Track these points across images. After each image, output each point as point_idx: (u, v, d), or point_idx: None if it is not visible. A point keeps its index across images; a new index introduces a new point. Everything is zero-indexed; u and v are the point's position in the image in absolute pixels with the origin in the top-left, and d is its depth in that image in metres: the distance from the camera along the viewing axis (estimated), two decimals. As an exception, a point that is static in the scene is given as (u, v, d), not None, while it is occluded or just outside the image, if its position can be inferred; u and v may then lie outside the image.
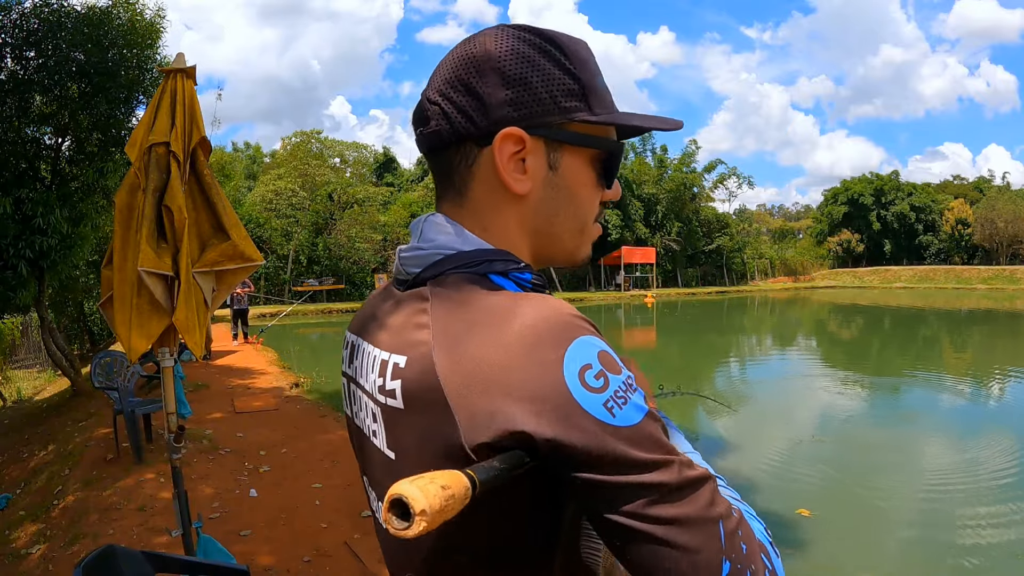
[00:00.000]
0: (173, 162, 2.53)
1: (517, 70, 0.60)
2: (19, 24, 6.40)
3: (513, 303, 0.55)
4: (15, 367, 12.95)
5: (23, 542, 3.71)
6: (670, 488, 0.50)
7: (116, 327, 2.60)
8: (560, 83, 0.61)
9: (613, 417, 0.49)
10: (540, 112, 0.60)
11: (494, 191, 0.62)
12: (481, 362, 0.52)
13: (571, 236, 0.67)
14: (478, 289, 0.58)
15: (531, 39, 0.62)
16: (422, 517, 0.39)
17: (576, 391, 0.49)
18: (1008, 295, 34.26)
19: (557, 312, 0.53)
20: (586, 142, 0.63)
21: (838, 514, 4.58)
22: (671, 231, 41.33)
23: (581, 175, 0.64)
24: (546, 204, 0.64)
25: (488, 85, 0.60)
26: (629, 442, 0.50)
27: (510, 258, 0.62)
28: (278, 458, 5.18)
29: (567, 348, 0.50)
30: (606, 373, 0.50)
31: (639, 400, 0.51)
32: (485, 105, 0.60)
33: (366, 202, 32.25)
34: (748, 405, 8.86)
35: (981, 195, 52.44)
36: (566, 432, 0.49)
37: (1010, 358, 12.74)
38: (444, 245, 0.63)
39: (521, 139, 0.60)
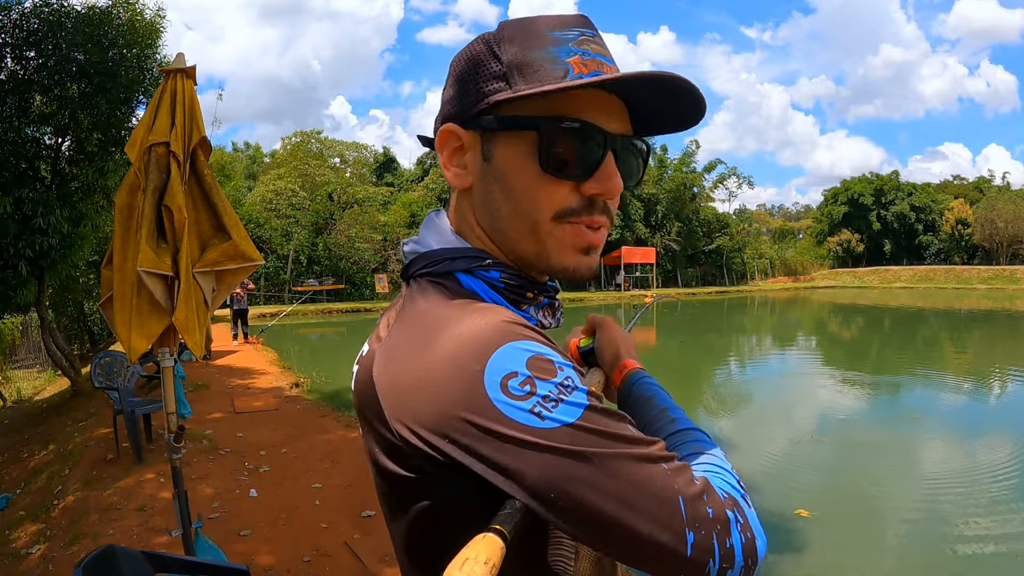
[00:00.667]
0: (173, 162, 2.53)
1: (459, 68, 0.61)
2: (19, 24, 6.40)
3: (452, 313, 0.55)
4: (15, 367, 12.95)
5: (23, 542, 3.70)
6: (620, 474, 0.50)
7: (116, 327, 2.60)
8: (486, 69, 0.58)
9: (543, 421, 0.49)
10: (470, 104, 0.59)
11: (452, 188, 0.65)
12: (409, 371, 0.53)
13: (521, 236, 0.60)
14: (434, 293, 0.60)
15: (486, 34, 0.61)
16: None
17: (499, 401, 0.49)
18: (1008, 295, 34.26)
19: (487, 322, 0.53)
20: (510, 124, 0.58)
21: (837, 514, 4.58)
22: (671, 231, 41.34)
23: (517, 163, 0.58)
24: (485, 199, 0.61)
25: (445, 90, 0.64)
26: (567, 438, 0.49)
27: (475, 255, 0.61)
28: (278, 458, 5.18)
29: (489, 358, 0.50)
30: (533, 379, 0.50)
31: (577, 398, 0.51)
32: (440, 108, 0.64)
33: (366, 202, 32.25)
34: (748, 405, 8.86)
35: (981, 195, 52.44)
36: (493, 446, 0.49)
37: (1010, 358, 12.74)
38: (422, 242, 0.65)
39: (454, 133, 0.61)
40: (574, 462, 0.49)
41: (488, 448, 0.50)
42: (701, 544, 0.51)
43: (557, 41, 0.58)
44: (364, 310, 26.29)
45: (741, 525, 0.54)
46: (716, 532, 0.52)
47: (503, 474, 0.50)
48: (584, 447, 0.50)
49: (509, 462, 0.50)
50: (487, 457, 0.50)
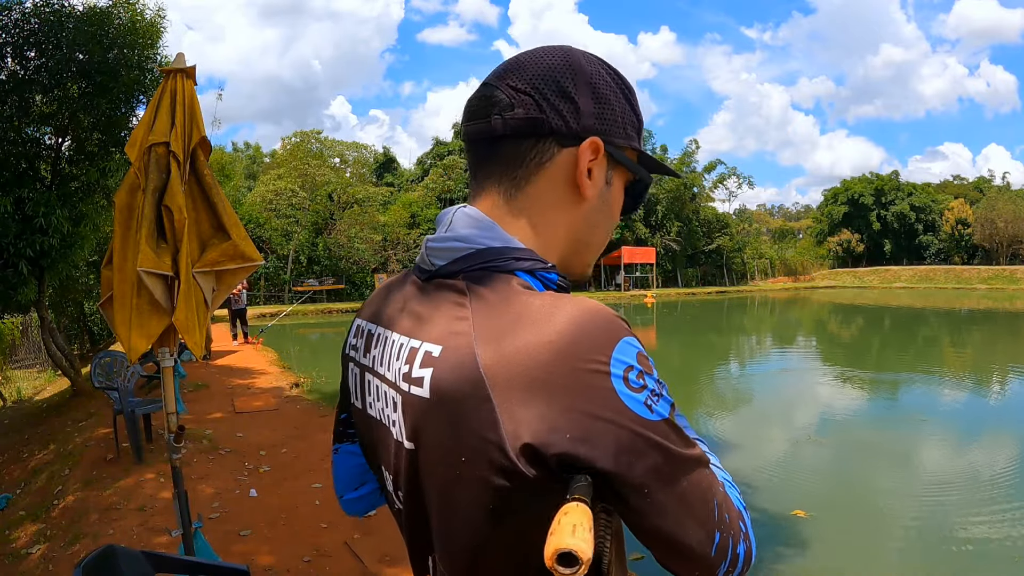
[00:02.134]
0: (173, 162, 2.53)
1: (605, 91, 0.67)
2: (20, 24, 6.40)
3: (554, 301, 0.57)
4: (15, 367, 12.95)
5: (23, 542, 3.71)
6: (691, 469, 0.57)
7: (116, 327, 2.60)
8: (629, 115, 0.69)
9: (652, 413, 0.55)
10: (615, 132, 0.67)
11: (555, 190, 0.66)
12: (528, 359, 0.53)
13: (597, 248, 0.73)
14: (514, 286, 0.60)
15: (610, 70, 0.69)
16: (587, 564, 0.46)
17: (623, 394, 0.54)
18: (1008, 295, 34.26)
19: (599, 312, 0.56)
20: (636, 169, 0.71)
21: (835, 515, 4.58)
22: (671, 231, 41.35)
23: (619, 196, 0.72)
24: (594, 214, 0.69)
25: (582, 95, 0.65)
26: (665, 433, 0.55)
27: (536, 257, 0.64)
28: (278, 458, 5.18)
29: (612, 351, 0.54)
30: (644, 374, 0.55)
31: (667, 393, 0.57)
32: (579, 111, 0.65)
33: (366, 202, 32.24)
34: (746, 405, 8.87)
35: (981, 195, 52.44)
36: (616, 431, 0.53)
37: (1010, 358, 12.74)
38: (472, 239, 0.63)
39: (599, 150, 0.66)
40: (662, 454, 0.55)
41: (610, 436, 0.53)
42: (722, 546, 0.58)
43: None
44: (364, 310, 26.25)
45: (745, 534, 0.62)
46: (732, 536, 0.59)
47: (616, 456, 0.53)
48: (671, 442, 0.56)
49: (624, 446, 0.53)
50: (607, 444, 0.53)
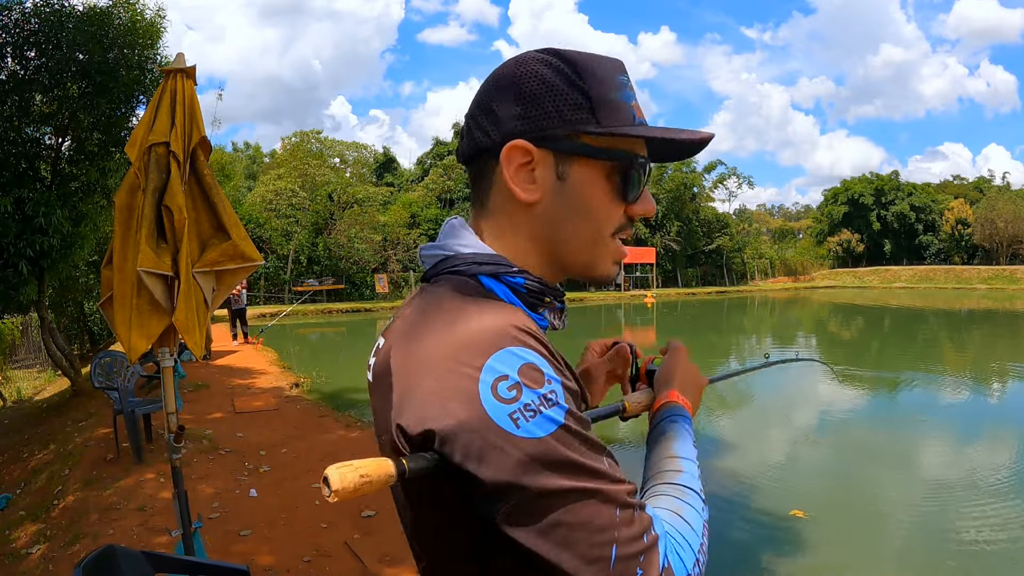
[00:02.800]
0: (173, 162, 2.53)
1: (528, 88, 0.65)
2: (20, 24, 6.40)
3: (468, 309, 0.60)
4: (15, 367, 12.95)
5: (23, 542, 3.71)
6: (564, 503, 0.53)
7: (116, 327, 2.60)
8: (567, 98, 0.64)
9: (517, 428, 0.52)
10: (546, 125, 0.64)
11: (508, 199, 0.67)
12: (420, 357, 0.58)
13: (583, 247, 0.68)
14: (455, 291, 0.64)
15: (547, 59, 0.66)
16: (336, 494, 0.51)
17: (485, 399, 0.53)
18: (1008, 295, 34.25)
19: (495, 324, 0.57)
20: (594, 153, 0.65)
21: (833, 515, 4.57)
22: (671, 231, 41.33)
23: (593, 186, 0.66)
24: (553, 213, 0.66)
25: (503, 103, 0.65)
26: (532, 451, 0.52)
27: (503, 263, 0.66)
28: (278, 458, 5.18)
29: (489, 357, 0.54)
30: (521, 385, 0.53)
31: (554, 414, 0.54)
32: (498, 120, 0.65)
33: (366, 202, 32.21)
34: (745, 404, 8.87)
35: (981, 195, 52.40)
36: (470, 433, 0.53)
37: (1010, 358, 12.74)
38: (447, 247, 0.69)
39: (527, 150, 0.64)
40: (527, 476, 0.52)
41: (464, 438, 0.53)
42: None
43: (621, 85, 0.68)
44: (364, 310, 26.29)
45: None
46: None
47: (467, 460, 0.53)
48: (541, 466, 0.52)
49: (474, 449, 0.53)
50: (462, 444, 0.54)
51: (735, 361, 13.38)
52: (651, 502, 0.64)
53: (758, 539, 4.23)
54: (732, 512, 4.58)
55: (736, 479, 5.30)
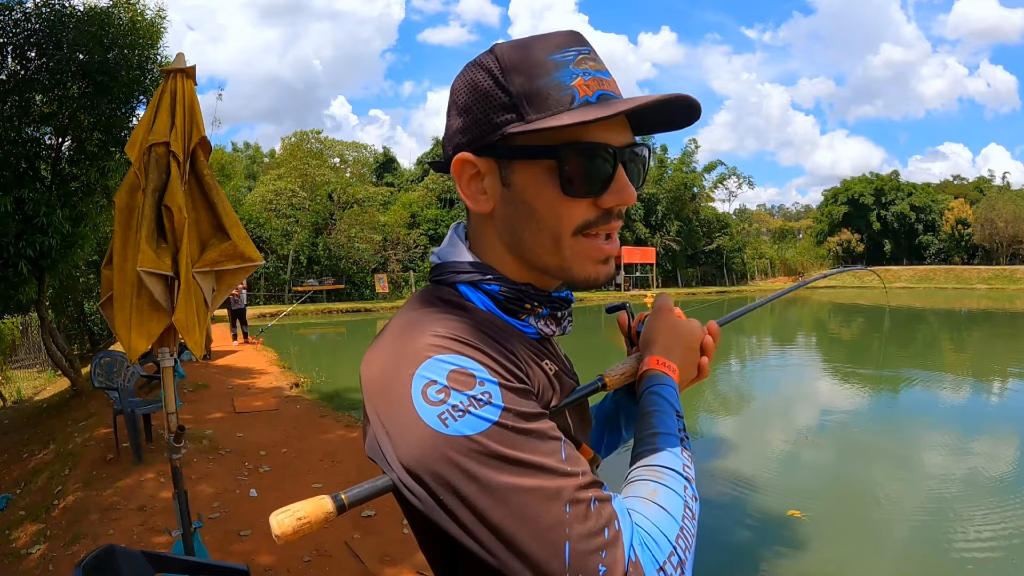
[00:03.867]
0: (173, 162, 2.53)
1: (464, 99, 0.64)
2: (20, 24, 6.40)
3: (416, 321, 0.61)
4: (15, 367, 12.95)
5: (23, 542, 3.71)
6: (506, 502, 0.52)
7: (116, 327, 2.60)
8: (493, 100, 0.61)
9: (446, 427, 0.53)
10: (481, 134, 0.63)
11: (472, 212, 0.69)
12: (370, 369, 0.60)
13: (545, 251, 0.64)
14: (424, 300, 0.66)
15: (483, 60, 0.64)
16: (278, 539, 0.54)
17: (417, 403, 0.54)
18: (1008, 295, 34.24)
19: (428, 334, 0.58)
20: (529, 154, 0.61)
21: (831, 516, 4.56)
22: (671, 231, 41.34)
23: (537, 187, 0.62)
24: (509, 220, 0.65)
25: (450, 117, 0.66)
26: (460, 450, 0.53)
27: (480, 270, 0.68)
28: (278, 458, 5.18)
29: (419, 366, 0.56)
30: (449, 388, 0.54)
31: (486, 413, 0.53)
32: (449, 135, 0.67)
33: (366, 202, 32.23)
34: (744, 405, 8.87)
35: (981, 195, 52.38)
36: (406, 439, 0.55)
37: (1010, 358, 12.74)
38: (441, 253, 0.72)
39: (470, 162, 0.64)
40: (461, 477, 0.52)
41: (397, 440, 0.55)
42: None
43: (558, 65, 0.61)
44: (364, 310, 26.29)
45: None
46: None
47: (400, 465, 0.55)
48: (476, 465, 0.52)
49: (403, 454, 0.55)
50: (396, 446, 0.56)
51: (735, 361, 13.37)
52: (625, 490, 0.61)
53: (755, 539, 4.22)
54: (729, 512, 4.58)
55: (734, 479, 5.30)
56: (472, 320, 0.61)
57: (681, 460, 0.63)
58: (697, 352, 0.78)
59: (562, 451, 0.55)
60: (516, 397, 0.56)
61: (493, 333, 0.61)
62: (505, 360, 0.59)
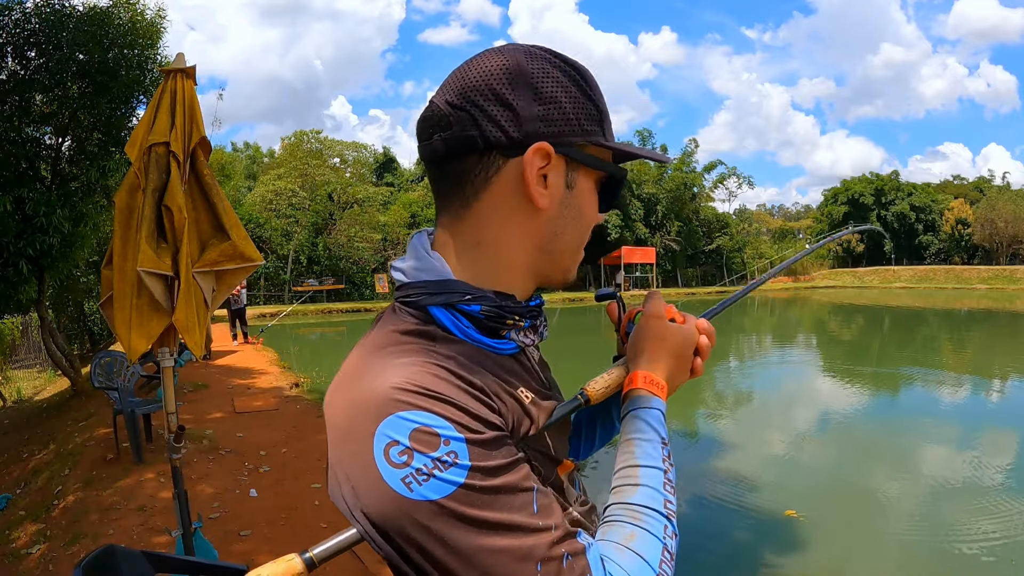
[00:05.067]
0: (173, 162, 2.53)
1: (550, 89, 0.61)
2: (20, 24, 6.40)
3: (375, 363, 0.57)
4: (15, 367, 12.95)
5: (23, 542, 3.70)
6: (474, 564, 0.51)
7: (116, 327, 2.60)
8: (584, 107, 0.63)
9: (410, 491, 0.51)
10: (567, 132, 0.62)
11: (507, 203, 0.62)
12: (334, 414, 0.58)
13: (569, 254, 0.68)
14: (387, 331, 0.62)
15: (558, 63, 0.63)
16: None
17: (380, 465, 0.52)
18: (1008, 295, 34.24)
19: (387, 386, 0.54)
20: (601, 166, 0.66)
21: (828, 516, 4.56)
22: (671, 231, 41.34)
23: (589, 197, 0.67)
24: (557, 221, 0.65)
25: (522, 99, 0.60)
26: (426, 515, 0.51)
27: (458, 290, 0.62)
28: (278, 458, 5.18)
29: (380, 422, 0.53)
30: (412, 450, 0.52)
31: (452, 475, 0.51)
32: (519, 117, 0.60)
33: (366, 202, 32.26)
34: (743, 405, 8.87)
35: (981, 195, 52.40)
36: (370, 499, 0.53)
37: (1010, 358, 12.74)
38: (406, 271, 0.66)
39: (548, 155, 0.61)
40: (429, 539, 0.51)
41: (361, 496, 0.54)
42: None
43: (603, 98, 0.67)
44: (364, 310, 26.29)
45: None
46: None
47: (372, 527, 0.54)
48: (444, 528, 0.51)
49: (368, 511, 0.53)
50: (360, 501, 0.54)
51: (735, 360, 13.36)
52: (602, 531, 0.60)
53: (752, 539, 4.23)
54: (726, 512, 4.58)
55: (731, 479, 5.30)
56: (439, 361, 0.57)
57: (663, 496, 0.62)
58: (689, 358, 0.76)
59: (534, 503, 0.54)
60: (484, 451, 0.53)
61: (463, 371, 0.57)
62: (475, 404, 0.55)
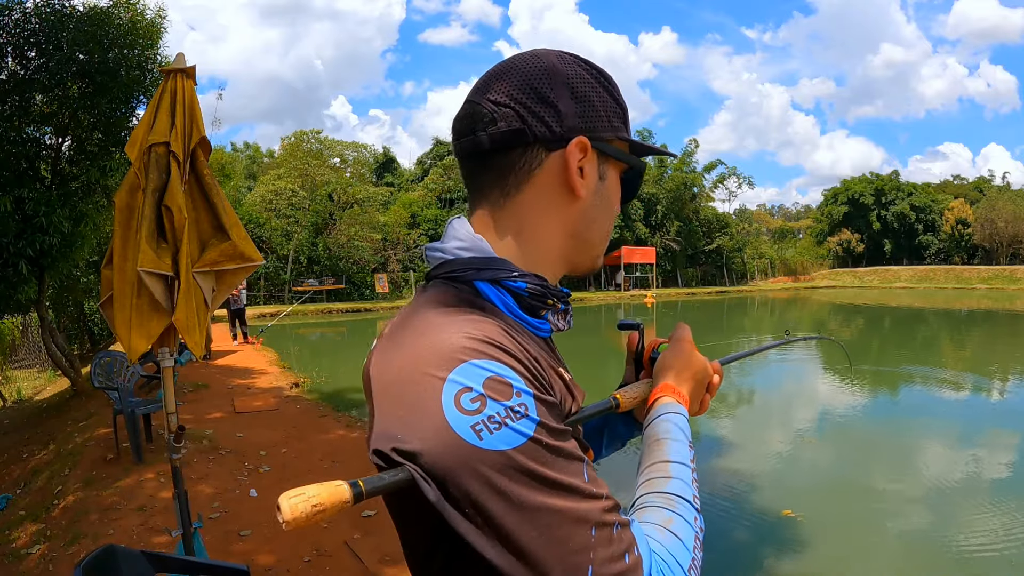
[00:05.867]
0: (173, 162, 2.53)
1: (583, 89, 0.67)
2: (20, 24, 6.41)
3: (440, 321, 0.58)
4: (15, 367, 12.96)
5: (23, 542, 3.71)
6: (535, 523, 0.50)
7: (116, 327, 2.60)
8: (611, 106, 0.70)
9: (480, 440, 0.51)
10: (600, 127, 0.68)
11: (547, 194, 0.67)
12: (389, 370, 0.58)
13: (600, 242, 0.74)
14: (439, 299, 0.62)
15: (585, 66, 0.70)
16: (287, 524, 0.48)
17: (448, 411, 0.51)
18: (1008, 295, 34.24)
19: (461, 337, 0.55)
20: (627, 159, 0.73)
21: (826, 516, 4.55)
22: (671, 231, 41.34)
23: (616, 188, 0.73)
24: (591, 210, 0.70)
25: (561, 97, 0.66)
26: (493, 465, 0.50)
27: (504, 267, 0.65)
28: (278, 458, 5.18)
29: (452, 370, 0.53)
30: (486, 397, 0.52)
31: (523, 426, 0.52)
32: (560, 114, 0.65)
33: (366, 202, 32.22)
34: (740, 405, 8.87)
35: (981, 195, 52.39)
36: (430, 446, 0.51)
37: (1009, 358, 12.74)
38: (448, 249, 0.67)
39: (586, 148, 0.66)
40: (489, 493, 0.50)
41: (420, 447, 0.52)
42: None
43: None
44: (364, 310, 26.30)
45: None
46: None
47: (432, 474, 0.52)
48: (507, 481, 0.50)
49: (427, 460, 0.52)
50: (419, 450, 0.52)
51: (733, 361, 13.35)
52: (638, 515, 0.61)
53: (749, 539, 4.22)
54: (723, 512, 4.58)
55: (729, 479, 5.30)
56: (501, 322, 0.59)
57: (692, 491, 0.64)
58: (705, 388, 0.81)
59: (584, 472, 0.54)
60: (548, 411, 0.54)
61: (519, 338, 0.59)
62: (535, 368, 0.57)
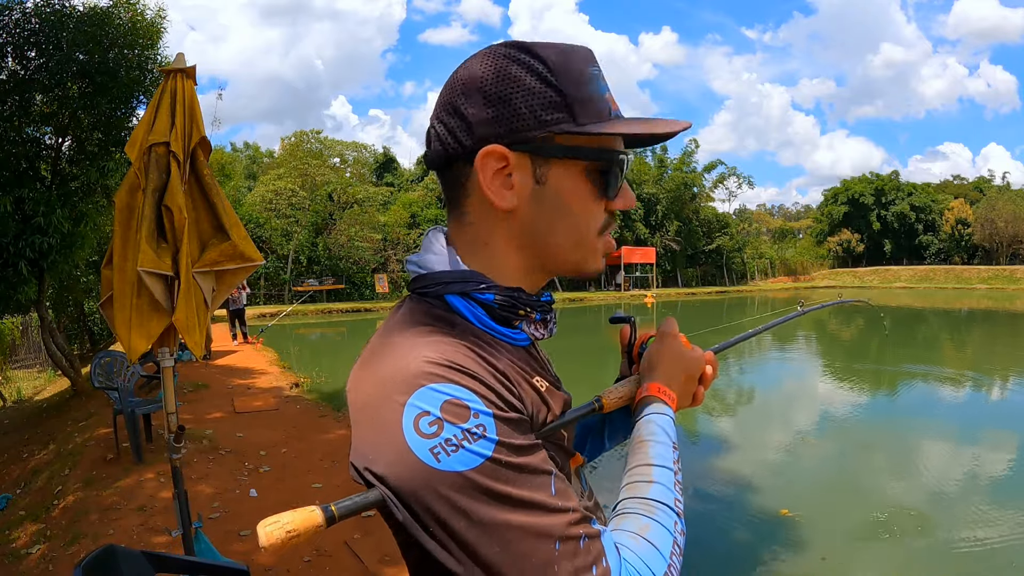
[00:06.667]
0: (173, 162, 2.53)
1: (498, 89, 0.61)
2: (20, 24, 6.41)
3: (406, 342, 0.59)
4: (15, 367, 12.96)
5: (23, 542, 3.71)
6: (496, 539, 0.52)
7: (116, 327, 2.60)
8: (541, 97, 0.61)
9: (438, 462, 0.52)
10: (521, 128, 0.61)
11: (484, 207, 0.64)
12: (359, 388, 0.60)
13: (571, 249, 0.66)
14: (410, 316, 0.63)
15: (516, 55, 0.62)
16: (264, 550, 0.52)
17: (408, 435, 0.53)
18: (1008, 295, 34.25)
19: (421, 360, 0.56)
20: (572, 154, 0.63)
21: (824, 516, 4.54)
22: (671, 231, 41.35)
23: (574, 188, 0.64)
24: (536, 218, 0.64)
25: (473, 106, 0.62)
26: (452, 486, 0.52)
27: (472, 279, 0.64)
28: (278, 458, 5.18)
29: (411, 395, 0.54)
30: (443, 421, 0.53)
31: (480, 447, 0.53)
32: (470, 125, 0.62)
33: (366, 202, 32.22)
34: (741, 405, 8.87)
35: (981, 195, 52.39)
36: (394, 469, 0.54)
37: (1009, 358, 12.73)
38: (423, 262, 0.67)
39: (503, 155, 0.61)
40: (451, 511, 0.52)
41: (386, 470, 0.55)
42: None
43: (594, 77, 0.64)
44: (364, 310, 26.30)
45: None
46: None
47: (397, 495, 0.54)
48: (467, 501, 0.52)
49: (392, 482, 0.54)
50: (385, 473, 0.55)
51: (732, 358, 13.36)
52: (616, 522, 0.61)
53: (746, 539, 4.22)
54: (720, 511, 4.58)
55: (726, 478, 5.31)
56: (464, 340, 0.59)
57: (674, 495, 0.64)
58: (696, 382, 0.79)
59: (552, 486, 0.55)
60: (509, 429, 0.55)
61: (485, 353, 0.60)
62: (499, 385, 0.57)
